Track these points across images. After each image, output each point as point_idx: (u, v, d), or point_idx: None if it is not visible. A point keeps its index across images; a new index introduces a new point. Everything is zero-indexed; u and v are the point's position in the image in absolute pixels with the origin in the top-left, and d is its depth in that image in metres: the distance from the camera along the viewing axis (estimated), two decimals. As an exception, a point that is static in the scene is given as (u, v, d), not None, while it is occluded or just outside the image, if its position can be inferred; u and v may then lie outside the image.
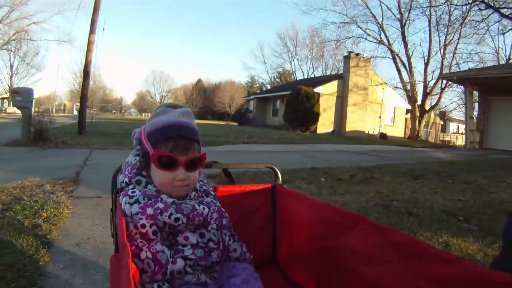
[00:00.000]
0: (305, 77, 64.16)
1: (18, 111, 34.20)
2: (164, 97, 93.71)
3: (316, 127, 32.61)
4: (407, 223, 4.12)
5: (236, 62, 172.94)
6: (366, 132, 35.32)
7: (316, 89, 33.32)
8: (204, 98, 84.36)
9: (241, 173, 6.59)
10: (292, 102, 32.35)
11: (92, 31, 15.86)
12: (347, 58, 35.63)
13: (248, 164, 5.36)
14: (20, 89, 12.09)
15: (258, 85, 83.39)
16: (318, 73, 65.38)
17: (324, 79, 39.76)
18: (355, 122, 34.83)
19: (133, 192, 1.46)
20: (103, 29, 22.80)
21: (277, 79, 76.21)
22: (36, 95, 12.23)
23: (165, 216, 1.42)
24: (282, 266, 2.04)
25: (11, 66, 58.83)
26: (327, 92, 34.46)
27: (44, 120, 11.64)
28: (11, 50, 54.30)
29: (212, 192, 1.71)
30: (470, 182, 7.33)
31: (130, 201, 1.41)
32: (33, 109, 11.83)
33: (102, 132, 16.67)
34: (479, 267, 1.09)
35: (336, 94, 34.95)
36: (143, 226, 1.37)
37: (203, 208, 1.53)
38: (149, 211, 1.39)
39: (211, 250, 1.50)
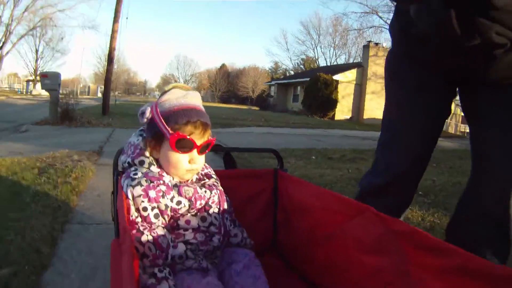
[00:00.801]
0: (328, 64, 64.39)
1: (44, 93, 35.45)
2: (187, 81, 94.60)
3: (334, 114, 33.32)
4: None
5: (260, 48, 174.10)
6: None
7: (335, 77, 33.99)
8: (227, 82, 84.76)
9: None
10: (311, 89, 33.21)
11: (115, 20, 16.70)
12: (366, 48, 36.19)
13: (251, 148, 5.58)
14: (49, 73, 13.02)
15: (281, 71, 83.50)
16: (340, 61, 65.47)
17: (343, 67, 40.31)
18: (373, 110, 35.00)
19: (135, 174, 1.46)
20: (127, 18, 23.73)
21: (301, 66, 76.27)
22: (62, 77, 13.20)
23: (167, 198, 1.44)
24: (282, 252, 2.06)
25: (37, 51, 60.57)
26: (346, 80, 35.03)
27: (70, 101, 12.70)
28: (37, 36, 56.10)
29: (213, 175, 1.72)
30: (454, 167, 7.99)
31: (132, 184, 1.42)
32: (60, 91, 12.84)
33: (124, 113, 17.68)
34: (481, 259, 1.09)
35: (355, 82, 35.51)
36: (145, 209, 1.39)
37: (205, 191, 1.56)
38: (152, 193, 1.41)
39: (212, 235, 1.53)
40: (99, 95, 60.37)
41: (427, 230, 3.52)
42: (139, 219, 1.37)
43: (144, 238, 1.32)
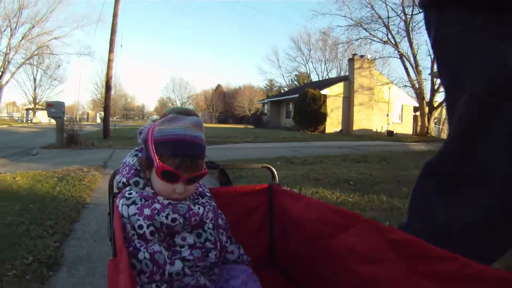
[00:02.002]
0: (320, 79, 65.68)
1: (44, 121, 37.19)
2: (184, 103, 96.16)
3: (324, 127, 34.59)
4: (309, 183, 6.20)
5: (254, 67, 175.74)
6: (374, 130, 36.94)
7: (323, 91, 35.39)
8: (224, 102, 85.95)
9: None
10: (300, 104, 34.62)
11: (111, 50, 18.36)
12: (351, 61, 37.55)
13: (245, 164, 6.23)
14: (54, 102, 14.63)
15: (276, 88, 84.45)
16: (332, 75, 66.69)
17: (330, 82, 41.74)
18: (362, 121, 36.64)
19: (130, 193, 1.48)
20: (121, 45, 25.12)
21: (295, 82, 77.27)
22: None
23: (162, 216, 1.45)
24: (280, 266, 2.07)
25: (34, 79, 62.11)
26: (334, 94, 36.41)
27: (75, 127, 14.32)
28: (34, 64, 57.37)
29: (207, 193, 1.74)
30: (406, 166, 9.25)
31: (127, 203, 1.44)
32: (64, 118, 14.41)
33: (124, 137, 19.28)
34: (477, 264, 1.08)
35: (342, 95, 36.85)
36: (141, 227, 1.40)
37: (198, 208, 1.56)
38: (146, 211, 1.43)
39: (208, 251, 1.53)
40: (98, 120, 61.62)
41: (337, 204, 4.87)
42: (135, 237, 1.39)
43: (140, 255, 1.35)
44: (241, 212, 2.06)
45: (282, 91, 68.75)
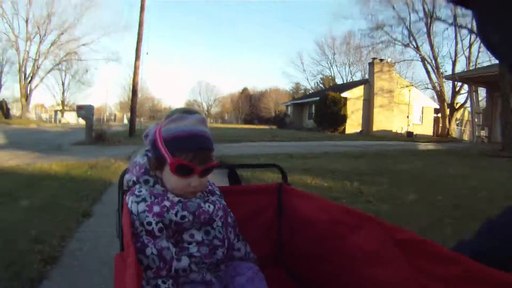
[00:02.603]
0: (345, 81, 66.13)
1: (72, 122, 39.09)
2: (211, 105, 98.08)
3: (344, 128, 35.58)
4: (298, 173, 7.18)
5: (280, 70, 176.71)
6: (394, 131, 37.47)
7: (343, 94, 36.40)
8: (250, 105, 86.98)
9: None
10: (321, 107, 35.90)
11: (137, 58, 19.83)
12: (371, 65, 38.40)
13: (254, 164, 6.17)
14: (84, 105, 16.20)
15: (302, 91, 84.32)
16: (356, 77, 66.84)
17: (351, 85, 42.86)
18: (381, 122, 37.30)
19: (140, 191, 1.49)
20: (147, 53, 26.45)
21: (321, 85, 77.44)
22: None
23: (172, 213, 1.46)
24: (288, 266, 2.07)
25: (63, 83, 64.15)
26: (354, 96, 37.30)
27: (103, 127, 15.92)
28: (62, 69, 59.08)
29: (217, 192, 1.74)
30: (396, 161, 10.20)
31: (137, 200, 1.45)
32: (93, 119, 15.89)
33: (148, 135, 20.44)
34: (485, 267, 1.06)
35: (362, 98, 37.70)
36: (149, 223, 1.41)
37: (209, 206, 1.58)
38: (156, 209, 1.44)
39: (216, 248, 1.54)
40: (125, 122, 63.02)
41: (311, 187, 5.76)
42: (143, 233, 1.40)
43: (148, 250, 1.36)
44: (250, 211, 2.06)
45: (308, 94, 69.40)
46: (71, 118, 63.52)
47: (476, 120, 25.00)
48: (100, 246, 3.23)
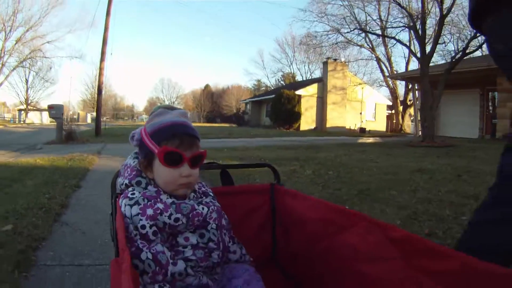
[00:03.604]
0: (304, 79, 67.65)
1: (36, 122, 40.04)
2: (173, 102, 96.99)
3: (299, 125, 37.60)
4: (233, 159, 9.14)
5: (242, 67, 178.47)
6: (347, 127, 39.72)
7: (298, 92, 38.31)
8: (212, 102, 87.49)
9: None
10: (276, 104, 37.72)
11: (102, 59, 21.33)
12: (325, 64, 40.33)
13: (246, 164, 6.28)
14: (54, 105, 17.60)
15: (264, 88, 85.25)
16: (315, 75, 68.06)
17: (305, 83, 45.00)
18: (335, 119, 39.46)
19: (133, 194, 1.49)
20: (111, 54, 27.86)
21: (281, 82, 78.43)
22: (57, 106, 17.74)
23: (165, 216, 1.46)
24: (282, 265, 2.07)
25: (27, 81, 62.30)
26: (308, 94, 39.29)
27: (72, 126, 17.57)
28: (26, 67, 57.86)
29: (210, 193, 1.75)
30: (319, 152, 12.22)
31: (130, 203, 1.45)
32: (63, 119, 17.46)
33: (113, 134, 22.28)
34: (479, 261, 1.08)
35: (316, 95, 39.70)
36: (143, 227, 1.41)
37: (202, 208, 1.57)
38: (149, 211, 1.43)
39: (211, 251, 1.54)
40: (89, 121, 63.48)
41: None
42: (138, 237, 1.40)
43: (143, 255, 1.36)
44: (243, 212, 2.05)
45: (265, 92, 70.50)
46: (36, 118, 63.94)
47: (418, 115, 27.07)
48: (91, 201, 5.09)
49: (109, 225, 1.53)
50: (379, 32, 25.96)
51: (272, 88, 74.30)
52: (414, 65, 38.96)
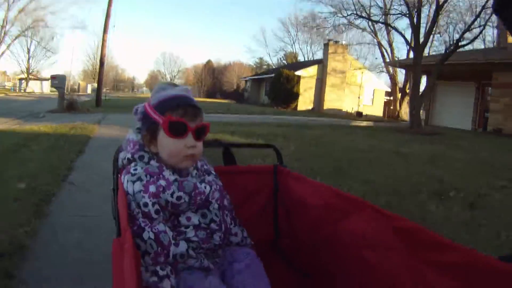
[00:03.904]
0: (306, 59, 67.93)
1: (37, 90, 40.17)
2: (174, 77, 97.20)
3: (296, 105, 37.98)
4: (228, 133, 9.63)
5: (244, 44, 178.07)
6: (344, 110, 39.79)
7: (298, 72, 38.58)
8: (213, 78, 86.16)
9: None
10: (275, 84, 38.09)
11: (105, 31, 21.78)
12: (326, 46, 40.38)
13: (250, 143, 6.45)
14: (57, 75, 18.27)
15: (266, 66, 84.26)
16: (317, 56, 68.15)
17: (306, 64, 45.33)
18: (333, 101, 39.54)
19: (135, 169, 1.47)
20: (114, 26, 28.12)
21: (284, 61, 77.82)
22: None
23: (168, 194, 1.44)
24: (283, 250, 2.05)
25: (28, 50, 61.74)
26: (308, 75, 39.47)
27: (74, 96, 18.00)
28: (28, 36, 57.52)
29: (213, 172, 1.72)
30: (311, 129, 12.72)
31: (132, 179, 1.43)
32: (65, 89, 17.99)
33: (113, 105, 22.92)
34: (483, 255, 1.08)
35: (316, 77, 39.86)
36: (146, 204, 1.39)
37: (205, 187, 1.56)
38: (152, 188, 1.42)
39: (213, 232, 1.53)
40: (89, 91, 63.01)
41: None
42: (140, 215, 1.39)
43: (145, 235, 1.35)
44: (245, 193, 2.02)
45: (266, 70, 70.50)
46: (36, 87, 63.81)
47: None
48: (94, 164, 5.70)
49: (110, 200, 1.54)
50: (377, 18, 26.20)
51: (274, 67, 73.39)
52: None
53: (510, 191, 5.52)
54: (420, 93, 18.94)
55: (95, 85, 51.66)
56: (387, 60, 40.70)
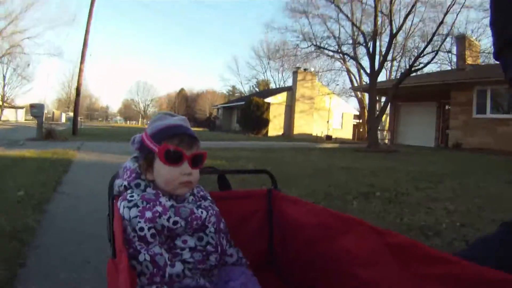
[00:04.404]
0: (278, 86, 69.36)
1: (12, 119, 40.34)
2: (147, 105, 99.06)
3: (267, 131, 39.30)
4: None
5: (216, 73, 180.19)
6: (314, 134, 41.27)
7: (267, 99, 40.04)
8: (186, 106, 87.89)
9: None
10: (245, 111, 39.56)
11: (82, 61, 22.72)
12: (295, 73, 42.07)
13: (244, 169, 6.39)
14: (36, 104, 18.99)
15: (238, 94, 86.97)
16: (288, 83, 69.69)
17: (275, 91, 47.24)
18: (302, 126, 41.31)
19: (132, 196, 1.50)
20: (90, 55, 29.11)
21: (256, 89, 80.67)
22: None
23: (164, 219, 1.47)
24: (279, 270, 2.09)
25: (4, 77, 61.76)
26: (277, 102, 41.04)
27: (52, 125, 18.90)
28: (5, 63, 57.64)
29: (209, 197, 1.76)
30: (274, 152, 13.85)
31: (129, 205, 1.46)
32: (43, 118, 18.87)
33: (90, 134, 24.01)
34: (478, 267, 1.09)
35: (285, 103, 41.44)
36: (142, 229, 1.42)
37: (201, 212, 1.61)
38: (148, 214, 1.45)
39: (209, 254, 1.57)
40: (63, 120, 63.01)
41: None
42: (136, 239, 1.41)
43: (141, 257, 1.38)
44: (240, 217, 2.07)
45: (237, 98, 71.36)
46: (11, 115, 63.67)
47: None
48: (78, 180, 6.68)
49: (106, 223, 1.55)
50: (335, 48, 27.56)
51: (246, 94, 75.40)
52: (382, 77, 41.12)
53: (430, 191, 6.46)
54: (376, 115, 20.39)
55: (70, 114, 51.77)
56: (355, 85, 42.30)
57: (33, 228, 3.79)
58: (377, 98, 28.57)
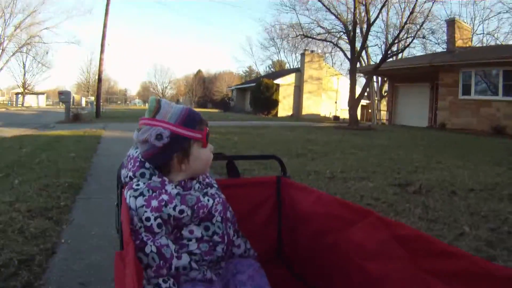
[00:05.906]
0: (292, 67, 69.49)
1: (34, 105, 43.54)
2: (165, 87, 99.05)
3: (277, 112, 40.43)
4: None
5: (233, 54, 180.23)
6: (322, 115, 42.19)
7: (277, 81, 41.08)
8: (204, 87, 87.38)
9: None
10: (256, 92, 40.79)
11: (101, 51, 25.19)
12: (303, 55, 42.72)
13: (253, 155, 6.59)
14: (63, 91, 21.76)
15: (255, 74, 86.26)
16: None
17: (284, 73, 47.85)
18: (310, 107, 42.10)
19: (138, 185, 1.48)
20: (108, 44, 31.00)
21: (272, 69, 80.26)
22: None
23: (170, 208, 1.45)
24: (287, 261, 2.06)
25: (24, 65, 63.42)
26: (286, 83, 42.00)
27: (78, 109, 21.66)
28: (24, 52, 58.63)
29: (215, 185, 1.73)
30: (269, 129, 16.11)
31: (135, 194, 1.44)
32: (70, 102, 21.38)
33: (111, 116, 26.51)
34: (487, 262, 1.08)
35: (294, 84, 42.40)
36: (148, 219, 1.40)
37: (208, 200, 1.58)
38: (154, 203, 1.43)
39: (215, 244, 1.56)
40: (83, 104, 64.39)
41: None
42: (142, 229, 1.40)
43: (147, 248, 1.36)
44: (249, 205, 2.03)
45: (250, 79, 71.37)
46: (32, 102, 65.47)
47: (376, 105, 31.24)
48: (109, 147, 9.11)
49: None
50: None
51: (262, 75, 74.56)
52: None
53: (349, 156, 8.68)
54: (356, 96, 22.64)
55: (90, 98, 53.56)
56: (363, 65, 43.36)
57: (87, 168, 6.44)
58: (376, 79, 30.50)
